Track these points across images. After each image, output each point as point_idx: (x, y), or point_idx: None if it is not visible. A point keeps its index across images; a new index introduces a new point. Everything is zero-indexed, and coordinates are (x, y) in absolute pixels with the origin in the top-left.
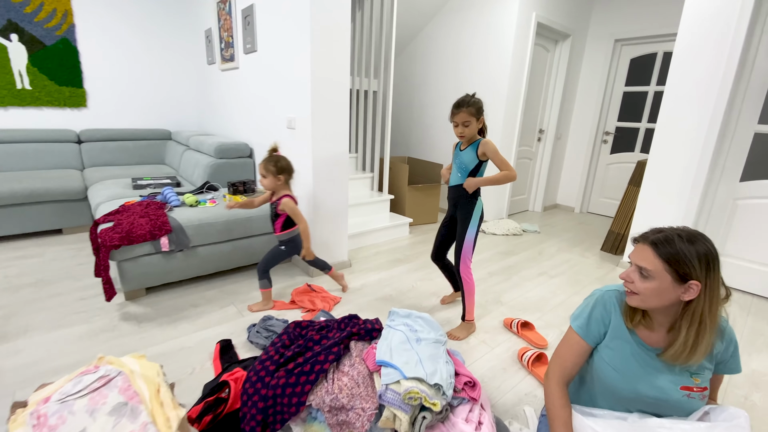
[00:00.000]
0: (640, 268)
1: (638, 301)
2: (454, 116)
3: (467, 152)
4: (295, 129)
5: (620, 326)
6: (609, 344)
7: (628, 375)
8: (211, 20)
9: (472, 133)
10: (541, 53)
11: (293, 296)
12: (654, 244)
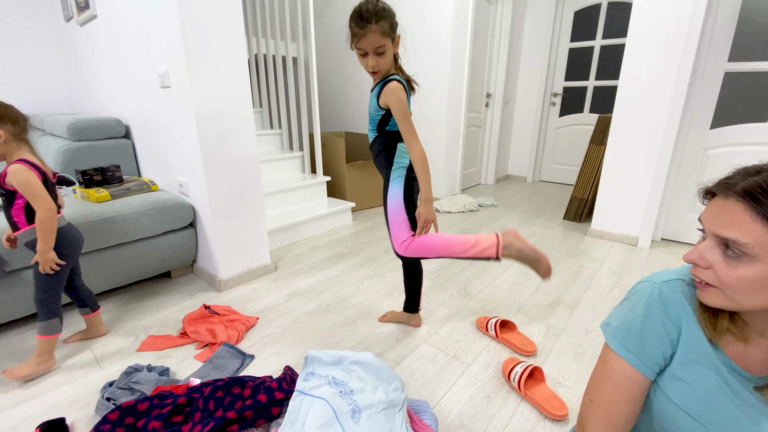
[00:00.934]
0: (726, 241)
1: (722, 299)
2: (361, 40)
3: (373, 95)
4: (171, 88)
5: (697, 340)
6: (679, 373)
7: (716, 422)
8: None
9: (388, 63)
10: (484, 7)
11: (185, 325)
12: (752, 197)
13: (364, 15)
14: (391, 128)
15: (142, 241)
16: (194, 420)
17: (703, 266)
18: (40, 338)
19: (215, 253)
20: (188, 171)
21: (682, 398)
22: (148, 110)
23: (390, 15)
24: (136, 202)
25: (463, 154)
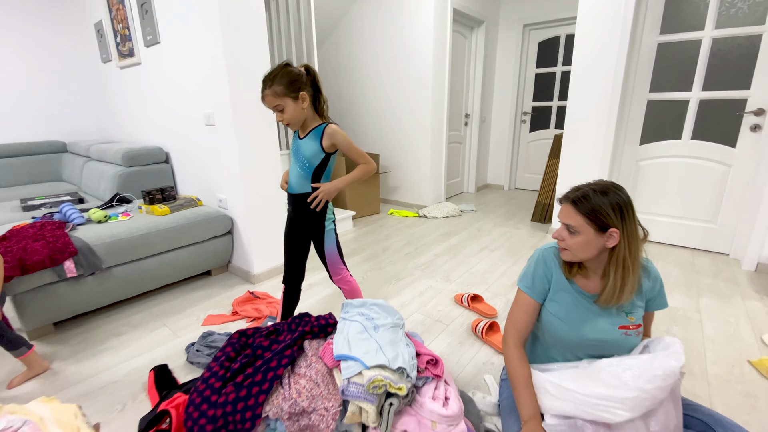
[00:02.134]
0: (567, 225)
1: (570, 256)
2: (264, 101)
3: (308, 142)
4: (215, 125)
5: (561, 279)
6: (553, 297)
7: (573, 322)
8: (101, 12)
9: (296, 116)
10: (460, 40)
11: (234, 306)
12: (574, 203)
13: (262, 82)
14: (326, 179)
15: (194, 245)
16: (284, 335)
17: (561, 239)
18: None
19: (250, 253)
20: (228, 189)
21: (555, 310)
22: (188, 141)
23: (284, 78)
24: (189, 214)
25: (446, 166)
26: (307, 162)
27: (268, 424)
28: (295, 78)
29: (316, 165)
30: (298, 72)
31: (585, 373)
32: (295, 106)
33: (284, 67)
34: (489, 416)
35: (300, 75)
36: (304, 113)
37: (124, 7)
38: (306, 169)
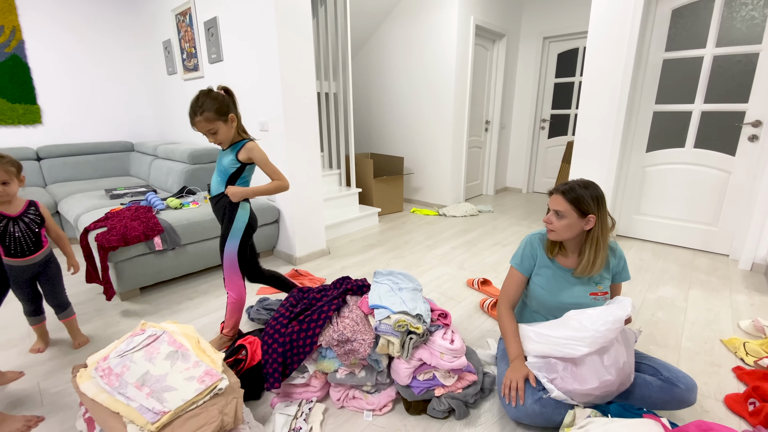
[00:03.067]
0: (556, 211)
1: (556, 236)
2: (195, 127)
3: (227, 153)
4: (269, 131)
5: (544, 258)
6: (538, 272)
7: (553, 291)
8: (170, 32)
9: (228, 136)
10: (482, 52)
11: None
12: (563, 193)
13: (191, 110)
14: (240, 184)
15: None
16: (331, 290)
17: (549, 223)
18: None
19: (293, 240)
20: None
21: (540, 282)
22: None
23: (212, 105)
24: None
25: (465, 169)
26: (224, 170)
27: (320, 352)
28: (222, 102)
29: (231, 173)
30: (223, 96)
31: (558, 322)
32: (227, 127)
33: (209, 94)
34: (488, 365)
35: (225, 99)
36: (233, 132)
37: (192, 29)
38: (222, 176)
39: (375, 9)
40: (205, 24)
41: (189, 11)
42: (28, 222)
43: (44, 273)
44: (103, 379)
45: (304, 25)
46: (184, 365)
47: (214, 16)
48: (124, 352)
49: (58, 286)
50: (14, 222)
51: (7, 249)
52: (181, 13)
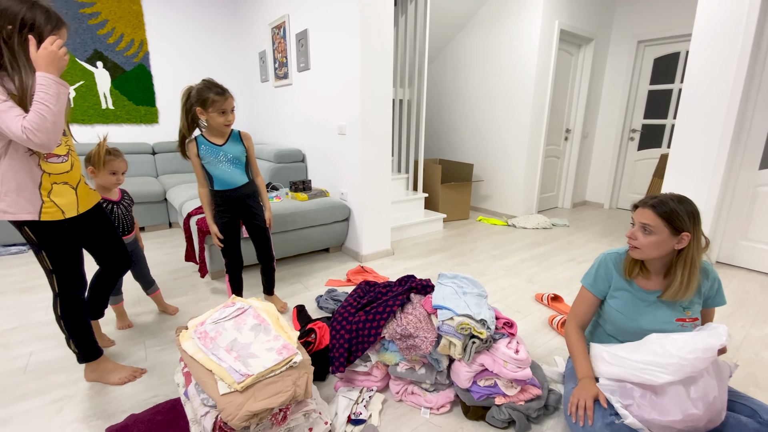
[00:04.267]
0: (644, 226)
1: (640, 254)
2: (225, 103)
3: (233, 145)
4: (346, 135)
5: (620, 280)
6: (614, 294)
7: (632, 315)
8: (266, 43)
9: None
10: (565, 57)
11: (348, 275)
12: (653, 206)
13: (221, 87)
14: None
15: (322, 225)
16: (396, 287)
17: (634, 239)
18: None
19: (361, 237)
20: (348, 185)
21: (617, 305)
22: (322, 146)
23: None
24: (320, 202)
25: (540, 180)
26: (239, 160)
27: (383, 344)
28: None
29: (244, 162)
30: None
31: (636, 344)
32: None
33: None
34: (554, 383)
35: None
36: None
37: (285, 41)
38: (240, 165)
39: (454, 18)
40: (297, 36)
41: (283, 24)
42: (126, 206)
43: (133, 253)
44: (200, 341)
45: (386, 35)
46: (266, 337)
47: (305, 28)
48: (217, 319)
49: (145, 266)
50: (116, 205)
51: None
52: (277, 27)
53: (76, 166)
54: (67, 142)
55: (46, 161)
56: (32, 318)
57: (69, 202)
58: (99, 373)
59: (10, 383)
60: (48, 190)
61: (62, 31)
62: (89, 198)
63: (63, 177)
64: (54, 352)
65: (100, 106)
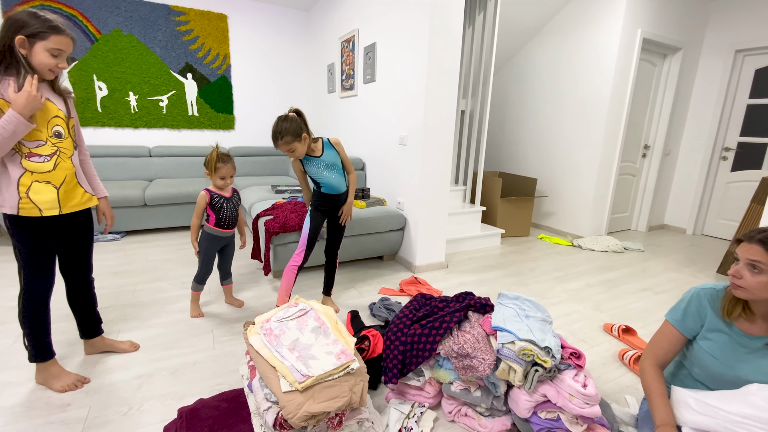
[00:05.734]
0: (752, 263)
1: (746, 294)
2: (278, 147)
3: (328, 154)
4: (407, 145)
5: (716, 320)
6: (707, 336)
7: (729, 361)
8: (335, 56)
9: (302, 152)
10: (647, 68)
11: (402, 285)
12: (763, 242)
13: (273, 135)
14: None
15: (378, 233)
16: (453, 303)
17: (738, 277)
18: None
19: (415, 248)
20: (406, 195)
21: (710, 349)
22: (382, 155)
23: (289, 129)
24: (378, 210)
25: (612, 199)
26: (337, 166)
27: (438, 360)
28: (297, 125)
29: (340, 166)
30: (297, 120)
31: (731, 393)
32: (302, 145)
33: (286, 120)
34: (626, 425)
35: (298, 122)
36: (307, 147)
37: (353, 54)
38: (339, 170)
39: (523, 28)
40: (365, 49)
41: (353, 38)
42: (235, 203)
43: (228, 245)
44: (265, 337)
45: (454, 48)
46: (325, 340)
47: (374, 41)
48: (281, 318)
49: (231, 259)
50: (227, 201)
51: (219, 221)
52: (346, 40)
53: (62, 167)
54: (59, 143)
55: (27, 160)
56: (121, 299)
57: (48, 200)
58: (45, 376)
59: (98, 358)
60: (27, 187)
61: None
62: (76, 200)
63: (45, 176)
64: (140, 332)
65: (187, 113)
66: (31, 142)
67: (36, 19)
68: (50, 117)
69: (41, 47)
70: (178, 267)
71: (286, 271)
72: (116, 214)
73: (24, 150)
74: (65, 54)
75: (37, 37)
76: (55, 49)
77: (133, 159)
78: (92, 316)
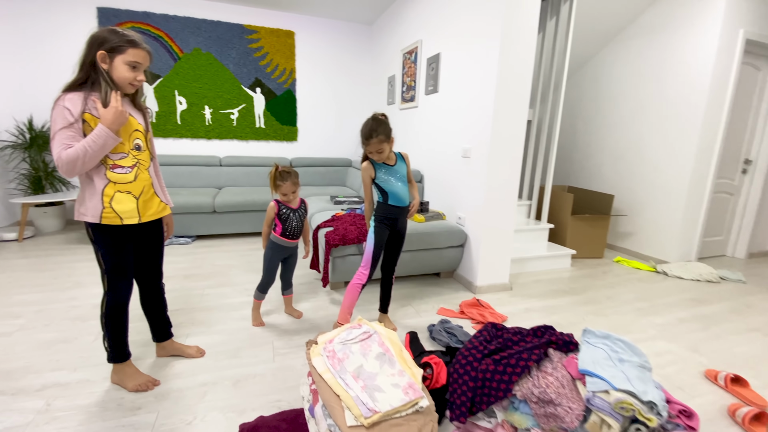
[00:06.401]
0: None
1: None
2: (367, 146)
3: (401, 165)
4: (470, 158)
5: None
6: None
7: None
8: (396, 68)
9: (389, 154)
10: (750, 73)
11: (462, 307)
12: None
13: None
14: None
15: (436, 249)
16: (530, 337)
17: None
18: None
19: (476, 267)
20: (467, 210)
21: None
22: (442, 168)
23: (384, 130)
24: (437, 225)
25: (704, 220)
26: (405, 178)
27: (512, 402)
28: (387, 129)
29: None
30: (387, 124)
31: None
32: (389, 147)
33: (379, 120)
34: None
35: (388, 125)
36: (390, 151)
37: (416, 65)
38: (406, 184)
39: (601, 32)
40: (428, 60)
41: (415, 50)
42: (301, 214)
43: (292, 255)
44: (328, 360)
45: (526, 55)
46: (391, 370)
47: (437, 52)
48: (345, 340)
49: (293, 269)
50: (294, 212)
51: (284, 231)
52: (408, 52)
53: (141, 178)
54: (138, 156)
55: (111, 171)
56: (190, 302)
57: (129, 209)
58: (120, 376)
59: (168, 361)
60: (110, 197)
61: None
62: (153, 209)
63: (126, 186)
64: (206, 337)
65: (254, 125)
66: (115, 155)
67: (115, 35)
68: (131, 131)
69: (120, 61)
70: (242, 273)
71: (350, 289)
72: (188, 219)
73: (108, 162)
74: (142, 67)
75: (116, 52)
76: (132, 61)
77: (206, 168)
78: (163, 319)
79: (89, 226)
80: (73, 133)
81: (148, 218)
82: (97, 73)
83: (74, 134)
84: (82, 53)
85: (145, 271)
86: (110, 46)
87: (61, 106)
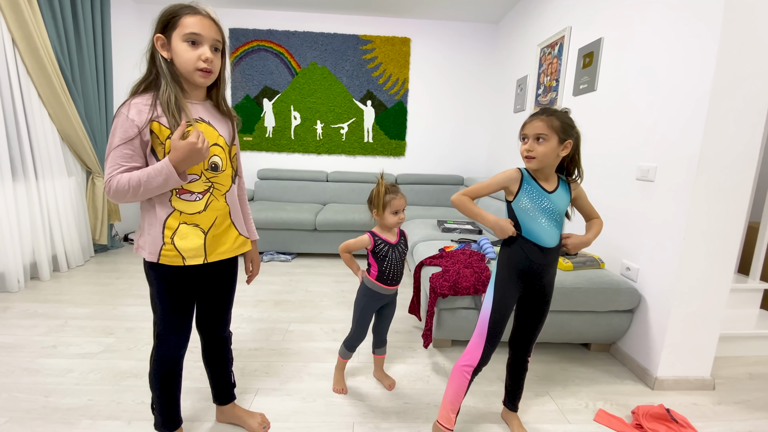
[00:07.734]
0: None
1: None
2: (530, 124)
3: (561, 194)
4: (654, 182)
5: None
6: None
7: None
8: (530, 68)
9: (547, 157)
10: None
11: (639, 416)
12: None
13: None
14: None
15: (590, 313)
16: None
17: None
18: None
19: (655, 347)
20: (644, 259)
21: None
22: (597, 193)
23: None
24: (593, 277)
25: None
26: (560, 215)
27: None
28: (566, 123)
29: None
30: (570, 118)
31: None
32: (555, 147)
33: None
34: None
35: (570, 120)
36: (552, 161)
37: (560, 59)
38: (559, 223)
39: None
40: (580, 51)
41: (560, 41)
42: (401, 250)
43: (389, 305)
44: None
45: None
46: None
47: (598, 37)
48: None
49: (389, 322)
50: (393, 248)
51: (382, 274)
52: (549, 45)
53: (213, 207)
54: (215, 179)
55: (178, 197)
56: (271, 341)
57: (194, 247)
58: None
59: (226, 430)
60: (173, 230)
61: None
62: (226, 245)
63: (193, 218)
64: (275, 400)
65: (363, 140)
66: None
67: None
68: (209, 145)
69: (177, 38)
70: (332, 306)
71: (455, 374)
72: (290, 236)
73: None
74: (204, 39)
75: (171, 29)
76: (188, 33)
77: (313, 183)
78: (225, 379)
79: (145, 262)
80: (130, 152)
81: (217, 257)
82: (155, 65)
83: (132, 153)
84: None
85: (209, 319)
86: (162, 24)
87: (125, 115)
